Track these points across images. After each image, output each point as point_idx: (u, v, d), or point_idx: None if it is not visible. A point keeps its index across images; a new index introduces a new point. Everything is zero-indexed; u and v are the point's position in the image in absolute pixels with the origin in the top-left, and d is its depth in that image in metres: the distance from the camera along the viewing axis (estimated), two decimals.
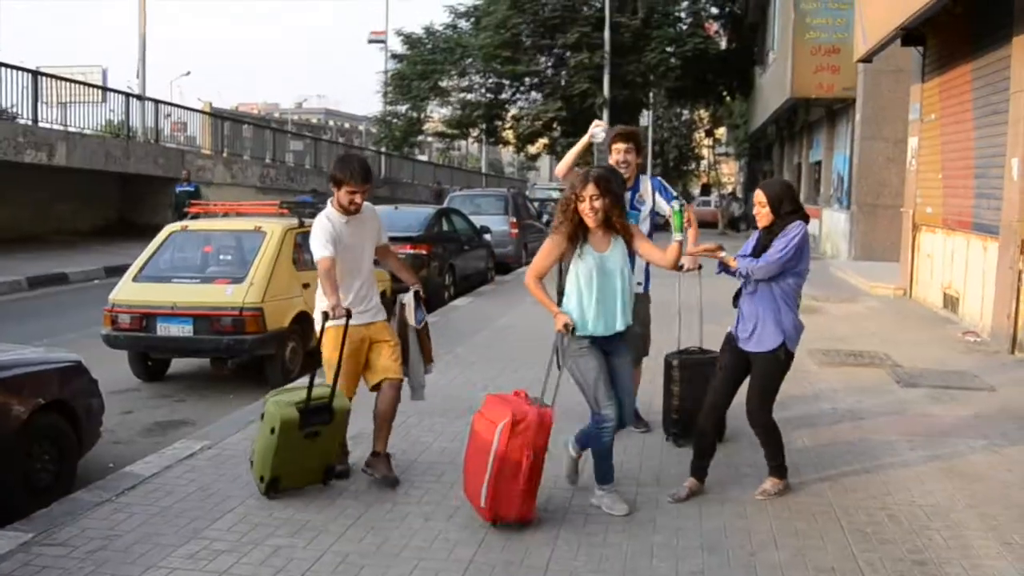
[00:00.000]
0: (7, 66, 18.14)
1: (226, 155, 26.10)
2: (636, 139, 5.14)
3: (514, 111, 33.43)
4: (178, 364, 7.80)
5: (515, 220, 16.79)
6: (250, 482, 4.42)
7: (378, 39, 47.68)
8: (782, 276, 4.14)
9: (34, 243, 17.97)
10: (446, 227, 12.84)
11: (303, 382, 4.46)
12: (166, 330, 6.85)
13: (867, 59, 12.64)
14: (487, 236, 14.27)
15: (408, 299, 4.76)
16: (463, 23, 32.51)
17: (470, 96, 32.92)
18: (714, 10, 32.27)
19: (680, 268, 4.87)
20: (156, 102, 24.32)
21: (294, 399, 4.25)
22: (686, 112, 50.84)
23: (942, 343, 8.66)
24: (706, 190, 46.52)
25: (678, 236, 4.06)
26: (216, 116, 29.43)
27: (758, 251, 4.21)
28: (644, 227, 5.06)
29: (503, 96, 32.74)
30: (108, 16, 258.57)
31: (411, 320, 4.75)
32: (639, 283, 5.16)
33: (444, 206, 15.10)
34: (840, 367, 7.43)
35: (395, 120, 35.14)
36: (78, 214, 21.33)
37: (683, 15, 31.40)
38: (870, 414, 5.92)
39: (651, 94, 34.01)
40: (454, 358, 7.69)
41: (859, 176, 16.14)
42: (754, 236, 4.35)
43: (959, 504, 4.29)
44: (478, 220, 14.56)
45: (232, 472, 4.67)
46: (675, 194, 5.09)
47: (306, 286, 7.19)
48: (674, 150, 52.30)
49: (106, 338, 7.03)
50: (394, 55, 35.26)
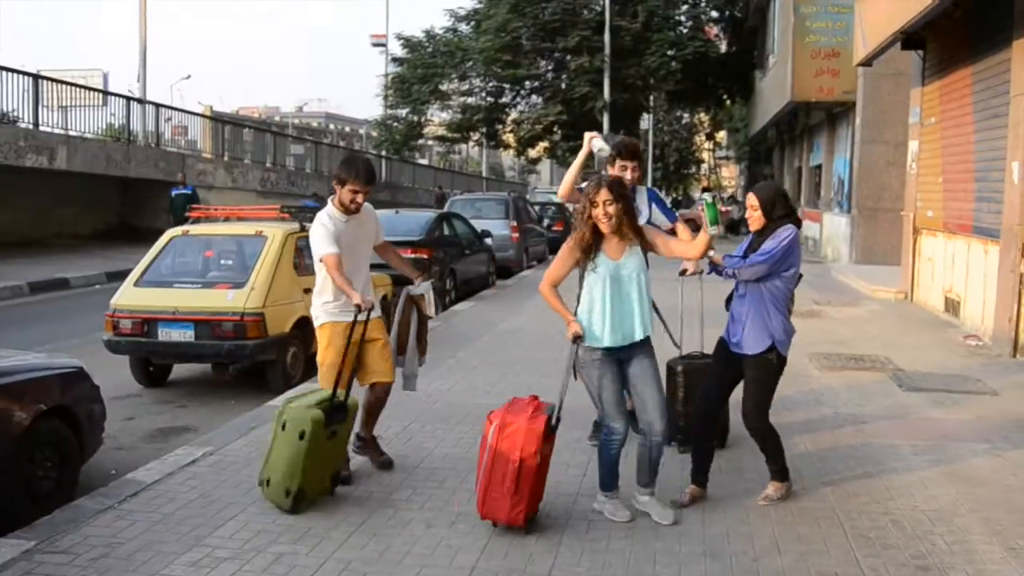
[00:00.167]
0: (8, 70, 18.14)
1: (227, 159, 26.08)
2: (641, 157, 5.14)
3: (514, 115, 33.47)
4: (179, 370, 7.79)
5: (516, 224, 16.77)
6: (252, 488, 4.41)
7: (379, 43, 47.79)
8: (770, 278, 4.14)
9: (35, 247, 17.97)
10: (447, 231, 12.81)
11: (301, 389, 4.46)
12: (167, 335, 6.85)
13: (867, 63, 12.61)
14: (488, 240, 14.25)
15: (427, 291, 4.85)
16: (463, 27, 32.59)
17: (470, 100, 32.95)
18: (714, 14, 32.25)
19: (683, 273, 4.88)
20: (157, 106, 24.28)
21: (311, 402, 4.26)
22: (686, 116, 50.93)
23: (943, 347, 8.66)
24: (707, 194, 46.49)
25: (713, 230, 3.92)
26: (217, 120, 29.37)
27: (749, 254, 4.22)
28: None
29: (503, 100, 32.78)
30: (108, 17, 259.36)
31: (430, 312, 4.88)
32: None
33: (445, 210, 15.10)
34: (841, 371, 7.42)
35: (395, 124, 35.20)
36: (79, 218, 21.33)
37: (683, 19, 31.43)
38: (872, 418, 5.91)
39: (651, 98, 34.03)
40: (456, 362, 7.69)
41: (860, 180, 16.12)
42: (747, 239, 4.36)
43: (962, 509, 4.29)
44: (479, 224, 14.56)
45: (234, 478, 4.67)
46: (671, 206, 5.11)
47: (307, 291, 7.16)
48: (674, 154, 52.43)
49: (107, 343, 7.03)
50: (394, 58, 35.33)
